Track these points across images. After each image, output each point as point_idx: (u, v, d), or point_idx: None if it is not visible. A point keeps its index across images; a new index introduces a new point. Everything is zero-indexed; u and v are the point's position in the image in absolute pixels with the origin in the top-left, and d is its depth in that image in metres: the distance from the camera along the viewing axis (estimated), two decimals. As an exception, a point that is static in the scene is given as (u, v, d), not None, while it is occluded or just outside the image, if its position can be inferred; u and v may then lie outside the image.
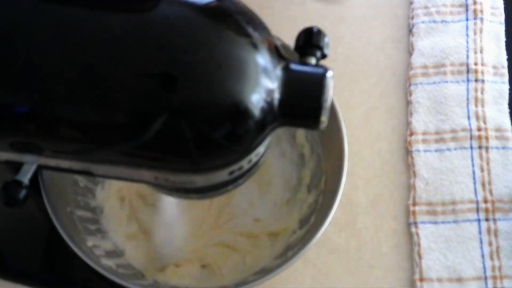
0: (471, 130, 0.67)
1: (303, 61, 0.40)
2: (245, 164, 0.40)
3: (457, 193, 0.64)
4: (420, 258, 0.62)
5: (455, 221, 0.63)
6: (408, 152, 0.67)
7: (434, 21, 0.73)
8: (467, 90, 0.69)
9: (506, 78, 0.70)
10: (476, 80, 0.69)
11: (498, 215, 0.63)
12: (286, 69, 0.38)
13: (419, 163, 0.66)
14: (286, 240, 0.59)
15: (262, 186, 0.63)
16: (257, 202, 0.63)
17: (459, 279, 0.60)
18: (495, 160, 0.65)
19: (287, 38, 0.51)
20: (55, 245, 0.59)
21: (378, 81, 0.71)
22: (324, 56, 0.41)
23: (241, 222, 0.62)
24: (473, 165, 0.65)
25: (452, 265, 0.61)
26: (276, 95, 0.38)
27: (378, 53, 0.73)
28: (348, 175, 0.54)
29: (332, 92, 0.38)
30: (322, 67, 0.39)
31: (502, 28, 0.73)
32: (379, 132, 0.68)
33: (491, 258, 0.61)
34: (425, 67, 0.70)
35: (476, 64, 0.70)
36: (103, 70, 0.36)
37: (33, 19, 0.37)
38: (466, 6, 0.73)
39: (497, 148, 0.66)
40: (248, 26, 0.39)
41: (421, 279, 0.61)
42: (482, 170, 0.65)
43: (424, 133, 0.67)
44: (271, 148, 0.44)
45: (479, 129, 0.66)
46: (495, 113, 0.68)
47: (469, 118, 0.67)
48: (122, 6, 0.38)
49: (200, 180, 0.40)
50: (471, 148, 0.66)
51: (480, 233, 0.62)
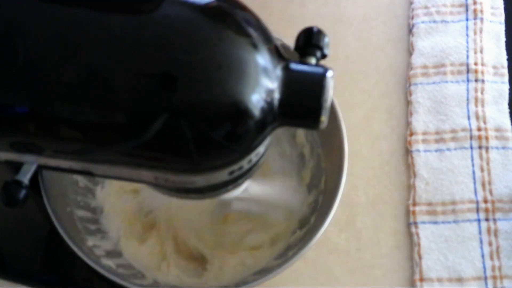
0: (471, 130, 0.67)
1: (303, 61, 0.40)
2: (245, 164, 0.40)
3: (457, 193, 0.64)
4: (420, 258, 0.62)
5: (455, 221, 0.63)
6: (408, 152, 0.67)
7: (434, 21, 0.73)
8: (467, 90, 0.69)
9: (506, 78, 0.70)
10: (476, 80, 0.69)
11: (498, 215, 0.63)
12: (286, 69, 0.38)
13: (419, 163, 0.66)
14: (286, 240, 0.59)
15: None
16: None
17: (459, 279, 0.60)
18: (495, 160, 0.65)
19: (287, 38, 0.51)
20: (55, 245, 0.59)
21: (378, 81, 0.71)
22: (324, 56, 0.41)
23: (241, 222, 0.62)
24: (473, 165, 0.65)
25: (452, 265, 0.61)
26: (276, 95, 0.38)
27: (378, 53, 0.73)
28: (348, 175, 0.54)
29: (332, 92, 0.38)
30: (322, 67, 0.39)
31: (502, 28, 0.73)
32: (379, 132, 0.68)
33: (491, 258, 0.61)
34: (425, 67, 0.70)
35: (476, 64, 0.70)
36: (103, 70, 0.36)
37: (33, 19, 0.37)
38: (466, 6, 0.73)
39: (497, 148, 0.66)
40: (248, 26, 0.39)
41: (421, 279, 0.61)
42: (482, 170, 0.65)
43: (424, 133, 0.67)
44: (271, 148, 0.44)
45: (479, 129, 0.66)
46: (495, 113, 0.68)
47: (469, 118, 0.67)
48: (122, 6, 0.38)
49: (200, 180, 0.40)
50: (471, 148, 0.66)
51: (480, 233, 0.62)
